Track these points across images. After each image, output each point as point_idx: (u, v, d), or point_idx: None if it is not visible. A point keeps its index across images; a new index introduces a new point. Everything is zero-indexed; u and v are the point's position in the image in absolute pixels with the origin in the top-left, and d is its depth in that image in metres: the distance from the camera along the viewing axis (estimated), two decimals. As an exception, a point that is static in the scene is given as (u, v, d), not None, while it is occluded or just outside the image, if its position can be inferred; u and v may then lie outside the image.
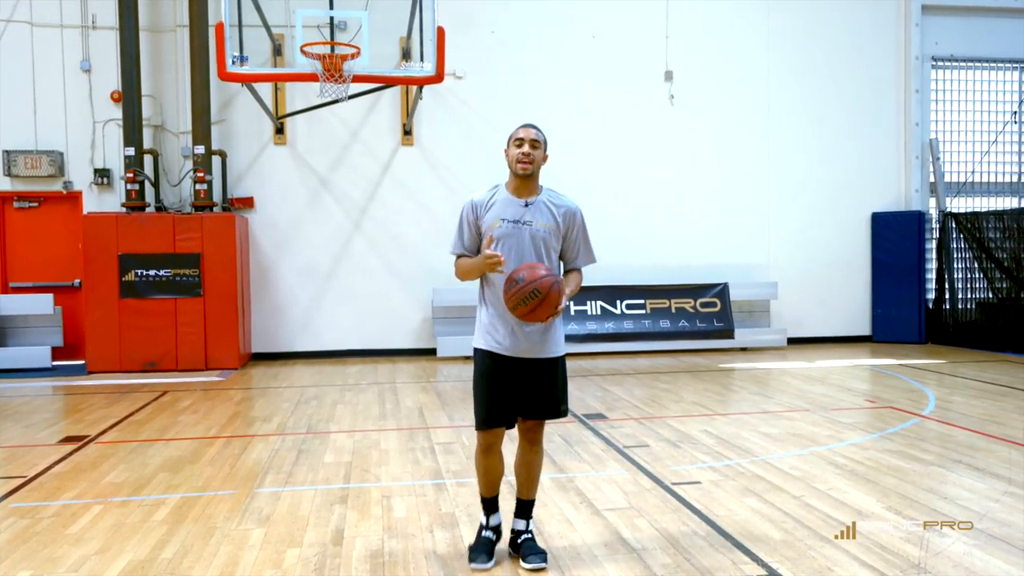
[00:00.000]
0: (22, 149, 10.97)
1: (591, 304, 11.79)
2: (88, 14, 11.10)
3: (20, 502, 4.99)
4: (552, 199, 3.84)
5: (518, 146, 3.76)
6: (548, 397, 3.81)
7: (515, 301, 3.49)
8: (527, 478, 3.95)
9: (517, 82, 11.91)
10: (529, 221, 3.75)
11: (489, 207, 3.79)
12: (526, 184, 3.80)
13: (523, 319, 3.57)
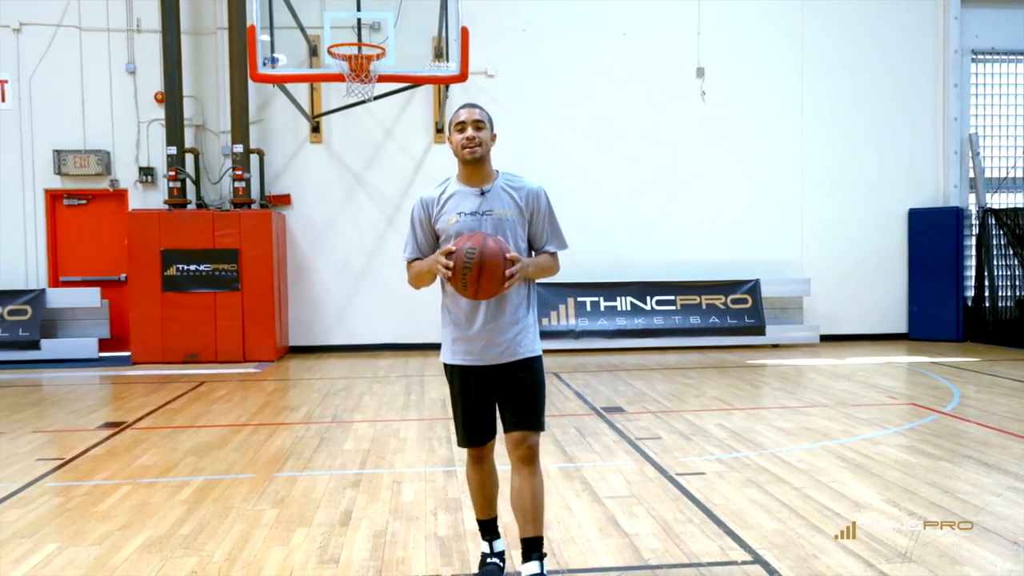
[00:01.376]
0: (71, 149, 11.45)
1: (621, 300, 11.87)
2: (133, 18, 11.53)
3: (56, 481, 5.30)
4: (510, 182, 3.46)
5: (460, 130, 3.39)
6: (526, 403, 3.37)
7: (459, 278, 3.15)
8: (531, 509, 3.34)
9: (548, 80, 12.05)
10: (489, 210, 3.37)
11: (442, 203, 3.41)
12: (477, 171, 3.41)
13: (477, 297, 3.21)
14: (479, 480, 3.57)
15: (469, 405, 3.45)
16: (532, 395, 3.39)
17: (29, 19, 11.40)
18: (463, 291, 3.21)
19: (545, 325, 11.53)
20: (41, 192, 11.55)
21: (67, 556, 3.96)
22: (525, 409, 3.37)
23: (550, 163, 12.03)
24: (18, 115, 11.41)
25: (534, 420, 3.38)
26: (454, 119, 3.42)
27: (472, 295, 3.22)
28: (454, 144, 3.41)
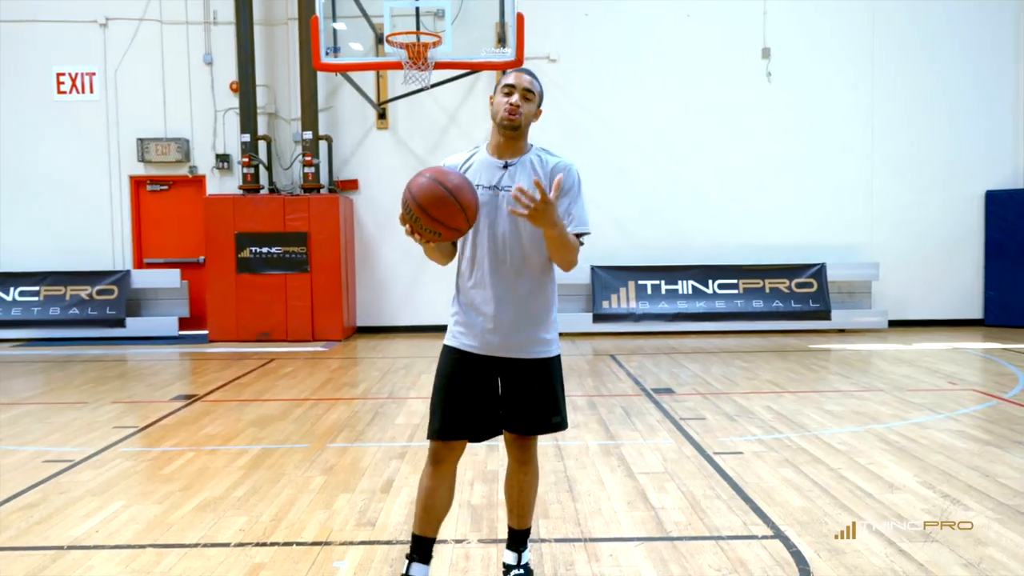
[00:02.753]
0: (153, 137, 12.04)
1: (682, 283, 11.84)
2: (210, 11, 12.01)
3: (129, 447, 5.71)
4: (541, 159, 3.11)
5: (507, 94, 3.03)
6: (538, 407, 3.12)
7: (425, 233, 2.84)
8: (518, 503, 3.29)
9: (611, 63, 12.06)
10: (508, 186, 3.02)
11: (464, 171, 3.08)
12: (511, 143, 3.07)
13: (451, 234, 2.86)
14: (428, 488, 3.12)
15: (452, 393, 3.09)
16: (545, 399, 3.14)
17: (114, 14, 12.00)
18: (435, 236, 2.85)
19: (605, 308, 11.61)
20: (126, 178, 12.19)
21: (130, 513, 4.30)
22: (534, 413, 3.12)
23: (613, 147, 12.07)
24: (105, 105, 12.06)
25: (540, 425, 3.15)
26: (503, 80, 3.08)
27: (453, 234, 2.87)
28: (495, 106, 3.06)
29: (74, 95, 12.06)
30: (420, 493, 3.16)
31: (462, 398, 3.08)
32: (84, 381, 8.49)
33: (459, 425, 3.08)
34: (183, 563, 3.64)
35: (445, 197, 2.79)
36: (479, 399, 3.09)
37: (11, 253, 12.00)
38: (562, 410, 3.21)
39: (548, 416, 3.15)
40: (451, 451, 3.13)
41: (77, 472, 5.07)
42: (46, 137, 12.03)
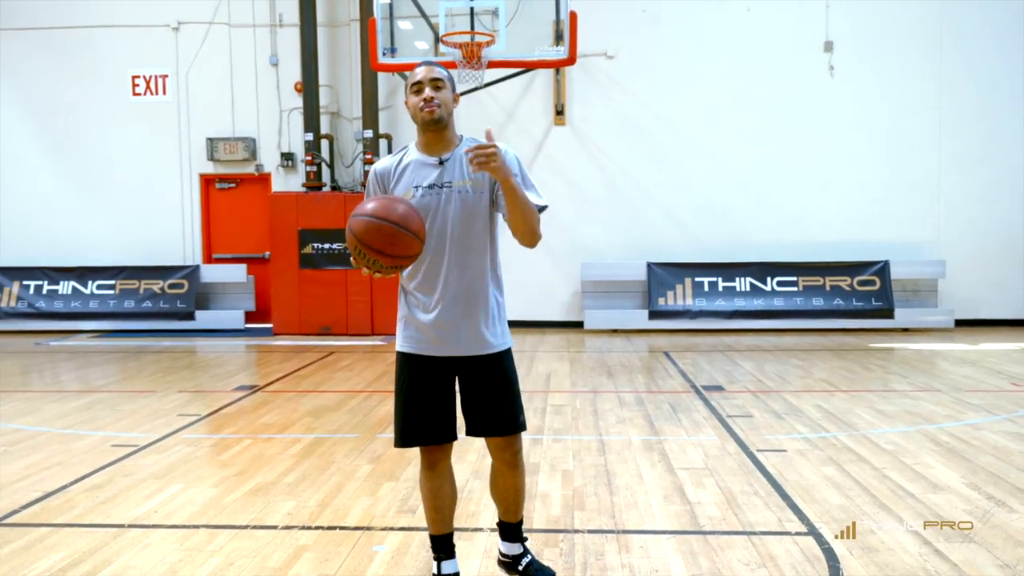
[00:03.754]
0: (222, 136, 12.47)
1: (740, 280, 11.73)
2: (276, 14, 12.38)
3: (190, 434, 5.99)
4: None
5: (416, 91, 3.00)
6: (499, 406, 3.11)
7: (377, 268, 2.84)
8: (508, 501, 3.30)
9: (669, 59, 12.00)
10: (448, 182, 3.00)
11: (398, 175, 3.06)
12: (439, 137, 3.04)
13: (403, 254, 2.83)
14: (430, 488, 3.18)
15: (418, 399, 3.08)
16: (510, 392, 3.15)
17: (186, 18, 12.47)
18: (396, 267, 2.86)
19: (661, 305, 11.58)
20: (196, 177, 12.66)
21: (187, 496, 4.54)
22: (505, 410, 3.11)
23: (670, 143, 12.02)
24: (176, 107, 12.54)
25: (514, 422, 3.14)
26: (410, 79, 3.04)
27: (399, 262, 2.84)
28: (411, 108, 3.03)
29: (148, 97, 12.58)
30: (426, 497, 3.20)
31: (424, 402, 3.07)
32: (154, 371, 8.89)
33: (426, 430, 3.08)
34: (233, 543, 3.84)
35: (396, 232, 2.77)
36: (439, 401, 3.08)
37: (89, 248, 12.58)
38: (521, 409, 3.17)
39: (513, 415, 3.12)
40: (438, 453, 3.15)
41: (141, 456, 5.35)
42: (122, 137, 12.57)
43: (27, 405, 7.11)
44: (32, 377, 8.89)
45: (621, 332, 11.63)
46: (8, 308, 12.19)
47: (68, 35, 12.52)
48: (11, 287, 12.28)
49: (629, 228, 12.10)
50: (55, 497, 4.54)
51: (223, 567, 3.57)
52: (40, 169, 12.70)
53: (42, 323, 12.16)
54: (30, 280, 12.33)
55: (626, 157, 12.13)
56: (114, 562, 3.63)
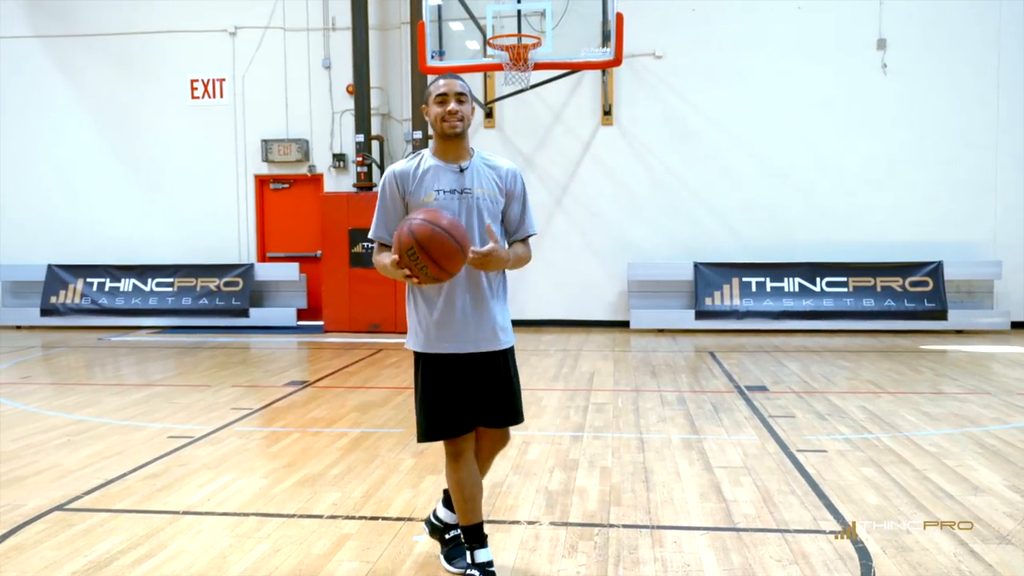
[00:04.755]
0: (276, 138, 12.80)
1: (788, 281, 11.64)
2: (329, 17, 12.66)
3: (243, 427, 6.21)
4: (488, 161, 3.30)
5: (440, 103, 3.16)
6: (509, 397, 3.31)
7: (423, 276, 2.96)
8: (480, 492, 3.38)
9: (718, 58, 11.96)
10: (468, 188, 3.19)
11: (419, 178, 3.19)
12: (456, 146, 3.21)
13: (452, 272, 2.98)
14: (459, 479, 3.29)
15: (442, 396, 3.22)
16: (514, 387, 3.33)
17: (242, 23, 12.82)
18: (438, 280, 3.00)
19: (708, 305, 11.55)
20: (251, 177, 13.01)
21: (238, 485, 4.73)
22: (509, 402, 3.31)
23: (718, 142, 11.98)
24: (233, 109, 12.90)
25: (516, 413, 3.34)
26: (433, 90, 3.19)
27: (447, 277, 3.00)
28: (432, 117, 3.18)
29: (206, 100, 12.96)
30: (455, 488, 3.29)
31: (455, 398, 3.22)
32: (209, 366, 9.19)
33: (458, 422, 3.23)
34: (280, 531, 4.01)
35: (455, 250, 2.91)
36: (461, 396, 3.23)
37: (149, 247, 13.02)
38: (521, 401, 3.38)
39: (515, 407, 3.32)
40: (463, 444, 3.27)
41: (196, 447, 5.58)
42: (181, 140, 12.99)
43: (90, 397, 7.43)
44: (95, 371, 9.26)
45: (667, 332, 11.63)
46: (73, 304, 12.69)
47: (131, 41, 12.97)
48: (76, 284, 12.78)
49: (676, 228, 12.09)
50: (115, 484, 4.77)
51: (270, 553, 3.74)
52: (104, 171, 13.19)
53: (104, 319, 12.63)
54: (93, 278, 12.81)
55: (674, 157, 12.12)
56: (169, 546, 3.82)
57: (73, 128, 13.20)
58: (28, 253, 13.18)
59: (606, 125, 12.23)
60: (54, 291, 12.78)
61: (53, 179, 13.26)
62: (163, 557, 3.69)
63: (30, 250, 13.19)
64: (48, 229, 13.24)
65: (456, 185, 3.19)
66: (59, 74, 13.18)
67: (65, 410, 6.85)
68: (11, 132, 13.27)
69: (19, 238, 13.29)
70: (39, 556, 3.71)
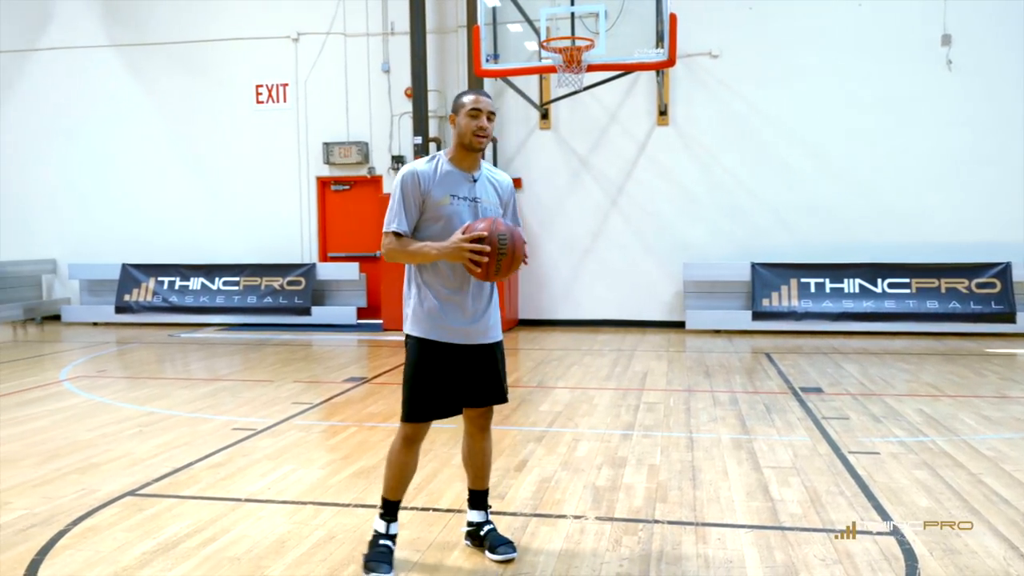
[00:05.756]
0: (337, 141, 13.11)
1: (848, 282, 11.46)
2: (388, 22, 12.92)
3: (303, 420, 6.43)
4: (491, 174, 3.59)
5: (474, 117, 3.39)
6: (496, 382, 3.60)
7: (495, 260, 3.24)
8: (481, 467, 3.73)
9: (776, 56, 11.85)
10: (479, 198, 3.46)
11: (437, 180, 3.41)
12: (475, 158, 3.48)
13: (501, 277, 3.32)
14: (403, 464, 3.57)
15: (431, 380, 3.46)
16: (502, 372, 3.65)
17: (305, 29, 13.17)
18: (490, 276, 3.28)
19: (765, 306, 11.45)
20: (313, 179, 13.35)
21: (297, 476, 4.93)
22: (498, 385, 3.61)
23: (776, 141, 11.88)
24: (295, 113, 13.26)
25: (504, 393, 3.66)
26: (469, 104, 3.40)
27: (493, 277, 3.31)
28: (463, 127, 3.40)
29: (270, 104, 13.35)
30: (394, 466, 3.58)
31: (439, 383, 3.47)
32: (273, 362, 9.49)
33: (441, 408, 3.51)
34: (336, 519, 4.18)
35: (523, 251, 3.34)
36: (451, 383, 3.49)
37: (216, 247, 13.47)
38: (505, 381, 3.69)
39: (503, 388, 3.66)
40: (422, 432, 3.58)
41: (258, 439, 5.81)
42: (246, 143, 13.40)
43: (160, 391, 7.76)
44: (165, 366, 9.64)
45: (723, 333, 11.57)
46: (145, 302, 13.20)
47: (199, 49, 13.43)
48: (148, 282, 13.29)
49: (733, 228, 12.02)
50: (182, 473, 5.02)
51: (326, 539, 3.90)
52: (174, 174, 13.68)
53: (174, 316, 13.11)
54: (164, 276, 13.30)
55: (730, 156, 12.05)
56: (231, 531, 4.02)
57: (145, 133, 13.72)
58: (103, 253, 13.76)
59: (662, 125, 12.22)
60: (127, 289, 13.30)
61: (126, 182, 13.80)
62: (226, 541, 3.89)
63: (105, 250, 13.76)
64: (122, 230, 13.79)
65: (469, 193, 3.46)
66: (132, 81, 13.72)
67: (137, 402, 7.18)
68: (88, 138, 13.86)
69: (95, 239, 13.88)
70: (112, 537, 3.94)
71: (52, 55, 13.93)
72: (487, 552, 3.66)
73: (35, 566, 3.61)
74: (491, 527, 3.72)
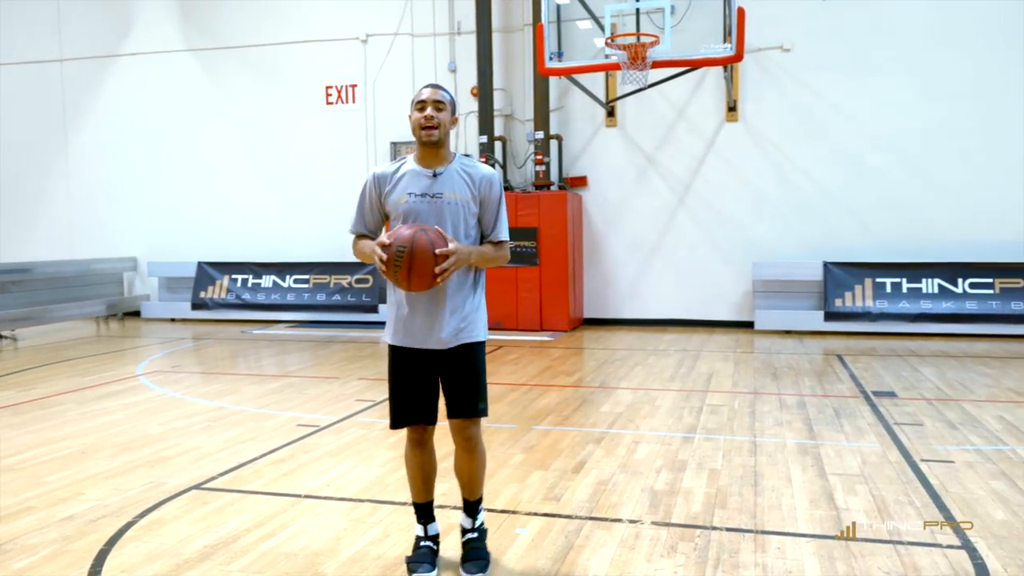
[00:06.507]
0: (404, 140, 13.25)
1: (927, 282, 11.04)
2: (454, 22, 12.99)
3: (365, 418, 6.51)
4: (466, 167, 3.44)
5: (420, 109, 3.35)
6: (464, 391, 3.44)
7: (391, 272, 3.18)
8: (466, 481, 3.61)
9: (848, 50, 11.49)
10: (439, 193, 3.35)
11: (395, 182, 3.40)
12: (434, 152, 3.39)
13: (411, 290, 3.24)
14: (416, 463, 3.59)
15: (403, 386, 3.46)
16: (472, 382, 3.45)
17: (373, 31, 13.34)
18: (397, 283, 3.24)
19: (837, 306, 11.12)
20: (381, 179, 13.50)
21: (356, 472, 4.99)
22: (465, 396, 3.44)
23: (850, 137, 11.52)
24: (364, 114, 13.45)
25: (473, 407, 3.45)
26: (416, 97, 3.40)
27: (405, 288, 3.24)
28: (412, 124, 3.39)
29: (339, 105, 13.57)
30: (410, 469, 3.61)
31: (410, 390, 3.45)
32: (340, 359, 9.64)
33: (411, 413, 3.47)
34: (391, 517, 4.21)
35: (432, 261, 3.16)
36: (426, 388, 3.45)
37: (287, 245, 13.76)
38: (484, 396, 3.49)
39: (474, 401, 3.45)
40: (423, 433, 3.55)
41: (321, 436, 5.91)
42: (316, 144, 13.65)
43: (231, 386, 7.96)
44: (238, 361, 9.89)
45: (794, 333, 11.29)
46: (219, 299, 13.57)
47: (271, 51, 13.74)
48: (222, 280, 13.66)
49: (804, 226, 11.72)
50: (246, 467, 5.13)
51: (380, 537, 3.94)
52: (246, 174, 14.03)
53: (247, 313, 13.45)
54: (238, 274, 13.66)
55: (802, 152, 11.74)
56: (290, 526, 4.09)
57: (220, 135, 14.11)
58: (181, 252, 14.20)
59: (731, 121, 11.99)
60: (203, 287, 13.71)
61: (203, 183, 14.21)
62: (284, 536, 3.96)
63: (182, 249, 14.21)
64: (198, 229, 14.22)
65: (427, 189, 3.37)
66: (208, 84, 14.12)
67: (208, 397, 7.38)
68: (167, 140, 14.32)
69: (172, 238, 14.34)
70: (176, 530, 4.06)
71: (133, 60, 14.43)
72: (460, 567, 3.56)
73: (102, 556, 3.74)
74: (472, 536, 3.60)
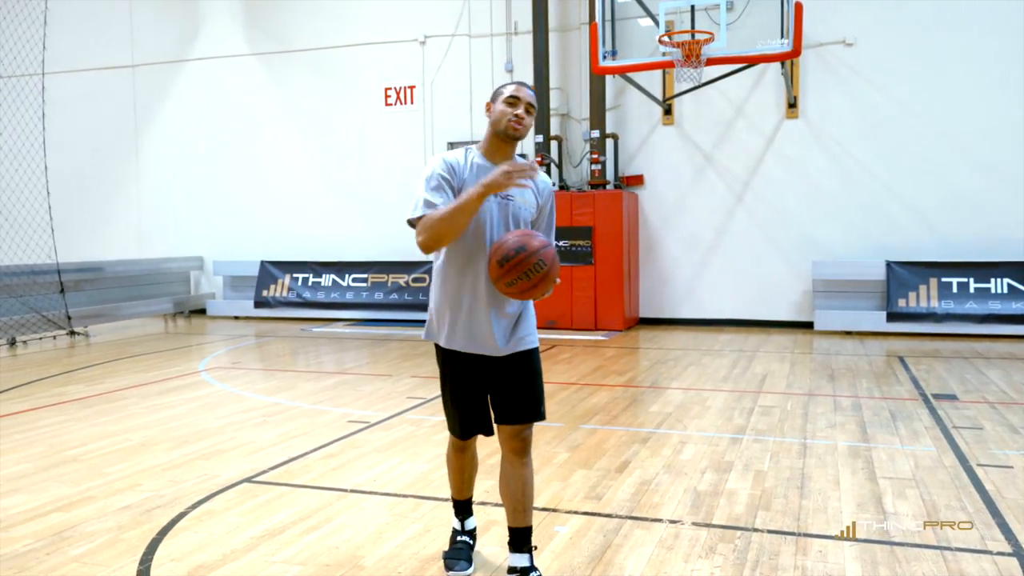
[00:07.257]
0: (461, 140, 13.35)
1: (995, 282, 10.67)
2: (511, 22, 13.04)
3: (414, 415, 6.61)
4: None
5: (511, 104, 3.17)
6: (527, 396, 3.27)
7: (514, 275, 2.99)
8: (518, 500, 3.30)
9: (915, 43, 11.18)
10: (512, 196, 3.22)
11: (470, 172, 3.21)
12: (509, 151, 3.25)
13: (517, 296, 3.08)
14: (460, 465, 3.57)
15: (465, 395, 3.34)
16: (533, 386, 3.29)
17: (431, 32, 13.48)
18: (507, 286, 3.04)
19: (901, 306, 10.83)
20: (438, 179, 13.63)
21: (403, 468, 5.07)
22: (526, 400, 3.26)
23: (915, 133, 11.21)
24: (422, 114, 13.61)
25: (535, 411, 3.28)
26: (506, 92, 3.21)
27: (513, 294, 3.07)
28: (498, 114, 3.18)
29: (398, 106, 13.76)
30: (453, 469, 3.62)
31: (472, 398, 3.34)
32: (394, 357, 9.79)
33: (475, 423, 3.40)
34: (433, 512, 4.27)
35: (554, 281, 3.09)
36: (483, 395, 3.34)
37: (346, 245, 14.01)
38: (543, 399, 3.35)
39: (537, 404, 3.29)
40: (472, 440, 3.53)
41: (370, 432, 6.02)
42: (375, 144, 13.86)
43: (288, 382, 8.16)
44: (297, 358, 10.12)
45: (855, 334, 11.03)
46: (281, 297, 13.90)
47: (332, 54, 14.00)
48: (284, 279, 13.98)
49: (866, 224, 11.44)
50: (297, 462, 5.26)
51: (421, 532, 4.00)
52: (308, 175, 14.33)
53: (307, 311, 13.74)
54: (299, 273, 13.96)
55: (865, 149, 11.47)
56: (333, 520, 4.19)
57: (282, 137, 14.44)
58: (244, 251, 14.58)
59: (791, 118, 11.77)
60: (265, 285, 14.05)
61: (266, 184, 14.56)
62: (327, 530, 4.05)
63: (246, 248, 14.58)
64: (262, 229, 14.58)
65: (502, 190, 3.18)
66: (272, 87, 14.46)
67: (265, 393, 7.58)
68: (231, 143, 14.72)
69: (237, 238, 14.73)
70: (225, 522, 4.19)
71: (200, 64, 14.86)
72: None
73: (154, 545, 3.89)
74: (537, 574, 3.30)
